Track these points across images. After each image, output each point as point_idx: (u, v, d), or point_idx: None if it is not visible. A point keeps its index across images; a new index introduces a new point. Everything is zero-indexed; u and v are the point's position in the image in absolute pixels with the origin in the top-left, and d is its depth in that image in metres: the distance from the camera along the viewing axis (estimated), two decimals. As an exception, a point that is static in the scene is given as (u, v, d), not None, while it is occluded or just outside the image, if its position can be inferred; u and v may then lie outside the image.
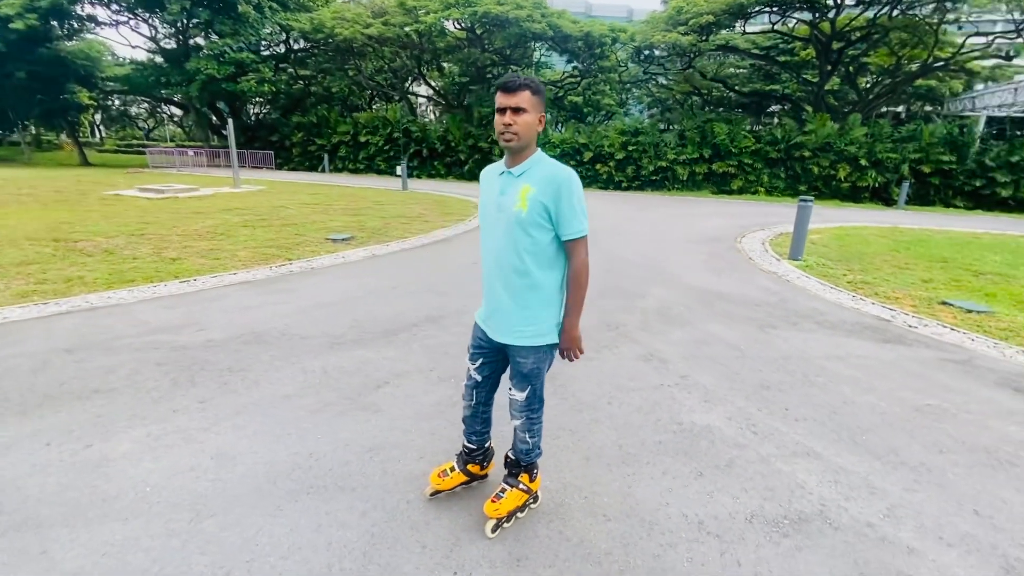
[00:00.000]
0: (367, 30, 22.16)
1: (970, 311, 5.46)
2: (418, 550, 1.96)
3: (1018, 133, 21.77)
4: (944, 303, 5.73)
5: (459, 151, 22.53)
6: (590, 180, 20.96)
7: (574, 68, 27.31)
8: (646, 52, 23.58)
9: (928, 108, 28.88)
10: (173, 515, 2.08)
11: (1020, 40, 18.49)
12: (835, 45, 20.61)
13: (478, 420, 2.18)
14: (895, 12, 18.69)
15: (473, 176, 22.47)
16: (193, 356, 3.60)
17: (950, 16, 18.35)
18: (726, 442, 2.79)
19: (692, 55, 22.21)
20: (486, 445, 2.26)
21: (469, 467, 2.25)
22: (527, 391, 1.98)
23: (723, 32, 21.88)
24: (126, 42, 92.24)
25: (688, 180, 19.60)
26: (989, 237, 10.73)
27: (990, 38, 19.78)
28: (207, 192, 14.02)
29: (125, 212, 10.00)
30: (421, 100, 36.09)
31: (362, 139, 23.59)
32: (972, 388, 3.61)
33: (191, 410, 2.89)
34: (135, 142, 48.09)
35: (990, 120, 26.26)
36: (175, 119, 49.74)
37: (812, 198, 8.14)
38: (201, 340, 3.89)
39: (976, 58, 21.02)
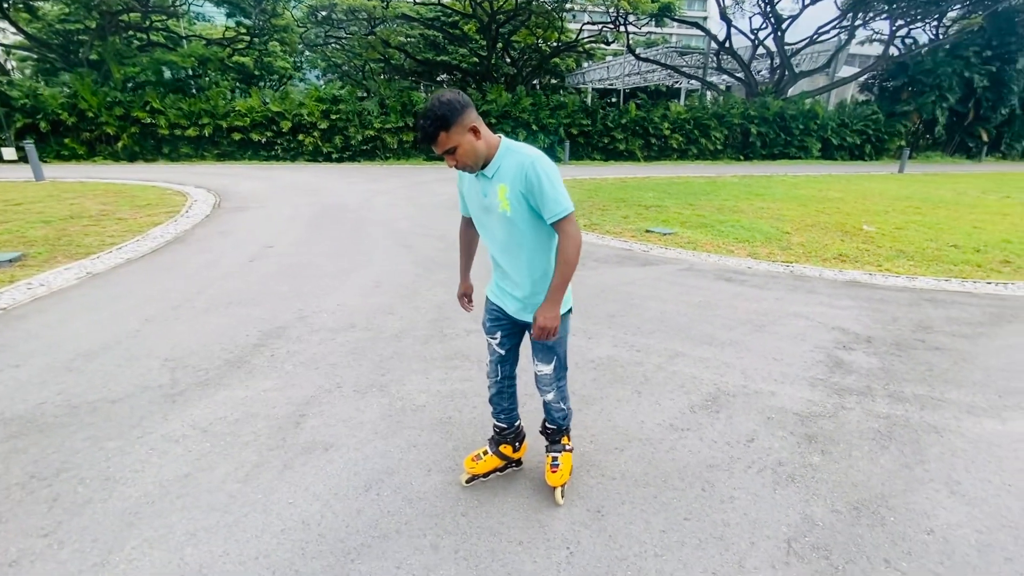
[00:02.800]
0: None
1: (664, 234, 7.68)
2: (518, 548, 1.93)
3: (614, 101, 29.83)
4: (648, 231, 7.88)
5: (103, 124, 17.16)
6: (294, 153, 19.17)
7: (238, 24, 23.76)
8: (323, 13, 22.32)
9: (555, 81, 36.55)
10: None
11: (613, 30, 25.11)
12: (493, 25, 23.76)
13: (505, 396, 2.22)
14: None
15: (135, 156, 17.69)
16: (-70, 485, 2.19)
17: (568, 6, 23.39)
18: (629, 363, 3.45)
19: (375, 21, 22.18)
20: (516, 424, 2.28)
21: (502, 448, 2.26)
22: (553, 362, 2.05)
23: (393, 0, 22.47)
24: None
25: (399, 149, 20.04)
26: (633, 180, 14.78)
27: (599, 27, 26.15)
28: None
29: None
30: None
31: (-91, 109, 15.40)
32: (707, 284, 5.28)
33: (43, 551, 1.86)
34: None
35: (597, 91, 35.01)
36: None
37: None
38: (-88, 459, 2.36)
39: (591, 42, 27.52)
